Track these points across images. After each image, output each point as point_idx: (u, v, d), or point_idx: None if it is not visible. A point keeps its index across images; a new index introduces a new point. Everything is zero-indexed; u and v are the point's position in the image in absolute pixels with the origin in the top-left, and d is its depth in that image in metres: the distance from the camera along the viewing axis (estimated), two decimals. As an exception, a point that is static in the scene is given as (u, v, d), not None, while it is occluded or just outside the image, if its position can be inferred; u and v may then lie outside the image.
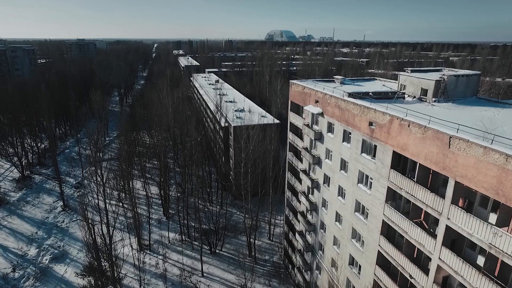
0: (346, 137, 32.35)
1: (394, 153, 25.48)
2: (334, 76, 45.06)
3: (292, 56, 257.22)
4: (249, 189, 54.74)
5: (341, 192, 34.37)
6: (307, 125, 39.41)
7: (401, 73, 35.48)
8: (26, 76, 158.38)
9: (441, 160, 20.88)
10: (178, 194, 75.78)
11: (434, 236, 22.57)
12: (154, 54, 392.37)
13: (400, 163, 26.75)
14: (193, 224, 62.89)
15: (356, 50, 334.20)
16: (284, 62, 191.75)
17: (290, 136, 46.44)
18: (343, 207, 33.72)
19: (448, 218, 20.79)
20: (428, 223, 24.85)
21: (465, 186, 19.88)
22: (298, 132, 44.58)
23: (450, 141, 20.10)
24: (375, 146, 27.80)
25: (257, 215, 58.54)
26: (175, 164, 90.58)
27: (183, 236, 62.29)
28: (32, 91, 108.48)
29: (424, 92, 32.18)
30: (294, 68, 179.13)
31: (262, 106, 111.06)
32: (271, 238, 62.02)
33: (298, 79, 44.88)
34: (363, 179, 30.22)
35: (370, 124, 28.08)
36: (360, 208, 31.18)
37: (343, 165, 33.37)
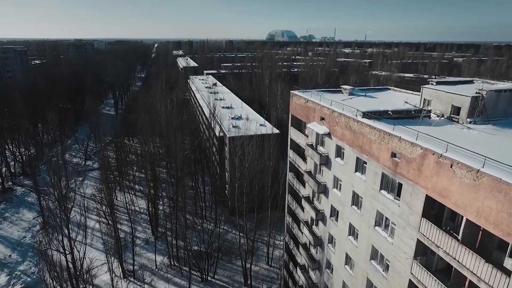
0: (360, 166, 26.19)
1: (428, 197, 19.33)
2: (341, 86, 38.99)
3: (293, 57, 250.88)
4: (244, 212, 48.67)
5: (352, 232, 28.22)
6: (311, 146, 33.26)
7: (424, 86, 29.35)
8: (18, 78, 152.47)
9: (505, 221, 14.74)
10: (170, 209, 69.86)
11: (487, 319, 16.42)
12: (153, 55, 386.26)
13: (434, 207, 20.58)
14: (183, 245, 56.83)
15: (358, 51, 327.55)
16: (285, 63, 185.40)
17: (291, 154, 40.31)
18: (355, 251, 27.57)
19: (515, 305, 14.67)
20: (475, 295, 18.67)
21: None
22: (300, 151, 38.47)
23: (521, 197, 13.96)
24: (400, 184, 21.67)
25: (253, 239, 52.46)
26: (168, 175, 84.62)
27: (172, 260, 56.22)
28: (18, 94, 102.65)
29: (456, 110, 26.04)
30: (296, 69, 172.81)
31: (261, 110, 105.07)
32: (270, 263, 55.93)
33: (299, 89, 38.68)
34: (383, 222, 24.07)
35: (393, 155, 21.95)
36: (377, 257, 25.03)
37: (356, 200, 27.21)
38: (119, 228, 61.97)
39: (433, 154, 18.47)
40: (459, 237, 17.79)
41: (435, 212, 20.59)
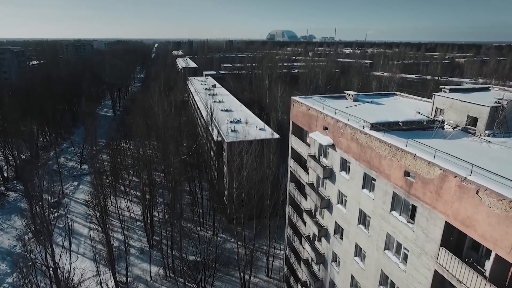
0: (368, 183, 23.94)
1: (448, 224, 17.07)
2: (345, 91, 36.76)
3: (294, 57, 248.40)
4: (243, 222, 46.45)
5: (359, 253, 25.96)
6: (313, 157, 31.01)
7: (437, 93, 27.09)
8: (14, 79, 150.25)
9: (547, 264, 12.50)
10: (166, 216, 67.59)
11: None
12: (153, 55, 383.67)
13: (453, 232, 18.28)
14: (179, 255, 54.58)
15: (359, 51, 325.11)
16: (285, 64, 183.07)
17: (292, 164, 38.05)
18: (362, 274, 25.31)
19: None
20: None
21: None
22: (301, 160, 36.22)
23: None
24: (414, 206, 19.41)
25: (252, 250, 50.21)
26: (165, 180, 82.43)
27: (168, 271, 53.99)
28: (12, 96, 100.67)
29: (473, 121, 23.80)
30: (296, 70, 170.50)
31: (261, 113, 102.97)
32: (269, 274, 53.65)
33: (300, 95, 36.46)
34: (394, 246, 21.81)
35: (407, 174, 19.69)
36: (388, 284, 22.75)
37: (363, 219, 24.96)
38: (113, 236, 59.88)
39: (455, 176, 16.20)
40: (486, 273, 15.54)
41: (455, 238, 18.30)
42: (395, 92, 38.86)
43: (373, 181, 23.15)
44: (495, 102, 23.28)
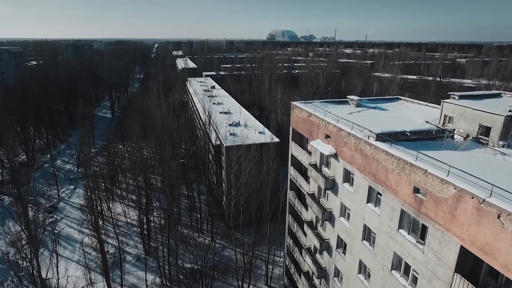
0: (373, 197, 22.40)
1: (463, 249, 15.52)
2: (347, 96, 35.27)
3: (294, 58, 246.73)
4: (241, 230, 44.93)
5: (363, 270, 24.41)
6: (314, 166, 29.46)
7: (445, 100, 25.55)
8: (12, 80, 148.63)
9: None
10: (163, 221, 66.05)
11: None
12: (153, 55, 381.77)
13: (468, 257, 16.73)
14: (176, 262, 53.07)
15: (360, 51, 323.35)
16: (285, 65, 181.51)
17: (292, 171, 36.51)
18: (367, 293, 23.76)
19: None
20: None
21: None
22: (301, 168, 34.67)
23: None
24: (424, 226, 17.86)
25: (251, 258, 48.70)
26: (163, 184, 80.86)
27: (164, 280, 52.46)
28: (8, 97, 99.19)
29: (485, 131, 22.26)
30: (296, 71, 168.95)
31: (261, 114, 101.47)
32: (269, 283, 52.09)
33: (301, 100, 34.94)
34: (402, 267, 20.25)
35: (416, 190, 18.14)
36: (395, 307, 21.22)
37: (367, 235, 23.41)
38: (109, 242, 58.34)
39: (472, 197, 14.65)
40: (508, 307, 14.01)
41: (470, 261, 16.75)
42: (400, 97, 37.35)
43: (379, 196, 21.61)
44: (510, 111, 21.75)
